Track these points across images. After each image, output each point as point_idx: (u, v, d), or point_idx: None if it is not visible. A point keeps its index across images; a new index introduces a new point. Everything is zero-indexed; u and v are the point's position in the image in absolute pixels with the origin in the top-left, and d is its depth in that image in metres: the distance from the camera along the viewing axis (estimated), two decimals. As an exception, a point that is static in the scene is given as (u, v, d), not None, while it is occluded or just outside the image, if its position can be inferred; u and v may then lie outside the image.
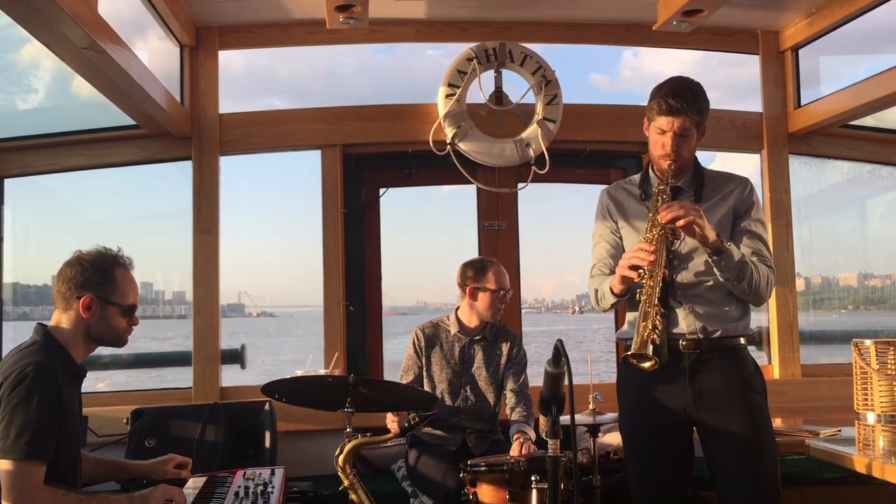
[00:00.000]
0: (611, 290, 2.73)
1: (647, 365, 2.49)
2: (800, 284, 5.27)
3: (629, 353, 2.52)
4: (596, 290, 2.86)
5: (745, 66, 4.86)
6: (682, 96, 2.68)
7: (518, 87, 4.52)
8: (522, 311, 4.80)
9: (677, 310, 2.75)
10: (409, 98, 4.55)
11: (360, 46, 4.75)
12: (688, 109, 2.67)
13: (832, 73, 4.95)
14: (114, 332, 2.59)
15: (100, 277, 2.54)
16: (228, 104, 4.51)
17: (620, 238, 2.93)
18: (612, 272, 2.84)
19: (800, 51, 4.76)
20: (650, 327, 2.49)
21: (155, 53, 4.33)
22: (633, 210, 2.91)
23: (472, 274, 3.81)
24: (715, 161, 5.71)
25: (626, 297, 2.76)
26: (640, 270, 2.57)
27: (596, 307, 2.91)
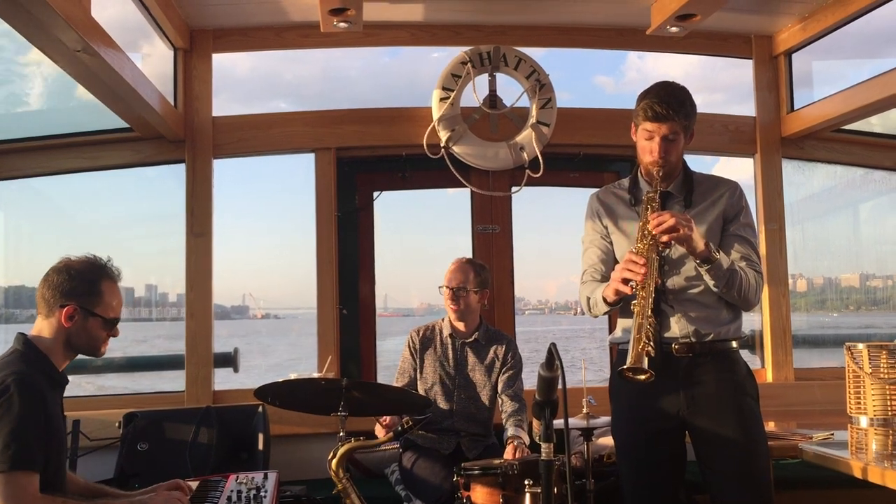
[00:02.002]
0: (604, 299, 2.73)
1: (642, 378, 2.49)
2: (801, 285, 5.28)
3: (625, 367, 2.51)
4: (588, 298, 2.86)
5: (749, 68, 4.86)
6: (667, 102, 2.68)
7: (512, 91, 4.53)
8: (527, 312, 4.81)
9: (669, 314, 2.76)
10: (414, 101, 4.54)
11: (365, 50, 4.76)
12: (674, 115, 2.67)
13: (825, 77, 4.97)
14: (92, 342, 2.56)
15: (86, 288, 2.52)
16: (233, 107, 4.54)
17: (611, 243, 2.92)
18: (603, 278, 2.84)
19: (793, 55, 4.78)
20: (645, 340, 2.49)
21: (149, 56, 4.32)
22: (622, 215, 2.90)
23: None
24: (717, 165, 5.71)
25: (619, 305, 2.76)
26: (632, 283, 2.57)
27: (588, 314, 2.91)
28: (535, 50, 4.55)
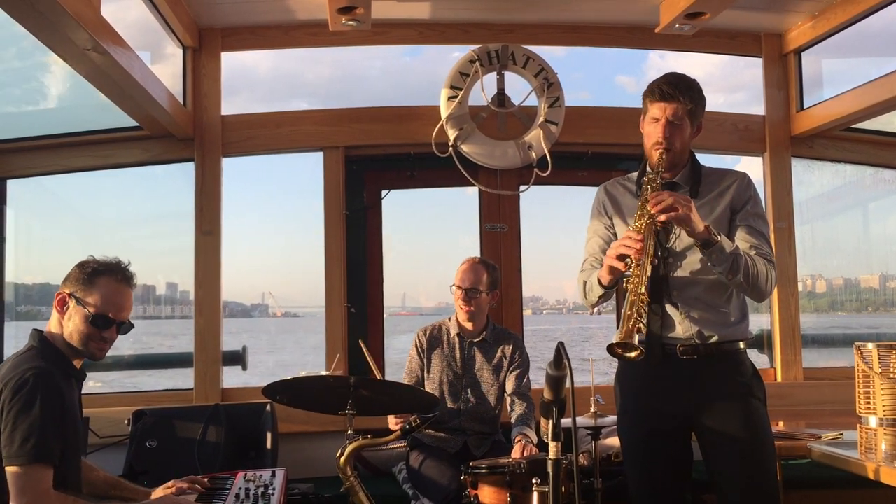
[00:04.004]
0: (599, 281, 2.70)
1: (633, 355, 2.46)
2: (821, 286, 5.26)
3: (614, 342, 2.48)
4: (584, 283, 2.83)
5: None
6: (674, 84, 2.71)
7: (520, 90, 4.52)
8: (545, 311, 4.79)
9: (673, 313, 2.74)
10: (433, 100, 4.53)
11: (385, 50, 4.77)
12: (680, 95, 2.69)
13: (835, 76, 4.95)
14: (79, 337, 2.49)
15: (82, 277, 2.51)
16: (254, 106, 4.57)
17: (614, 235, 2.91)
18: None
19: (803, 54, 4.76)
20: (635, 316, 2.46)
21: (158, 55, 4.34)
22: (628, 206, 2.89)
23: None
24: (739, 164, 5.68)
25: (614, 290, 2.74)
26: (628, 260, 2.55)
27: (583, 301, 2.89)
28: (554, 50, 4.53)
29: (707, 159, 2.99)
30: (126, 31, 3.30)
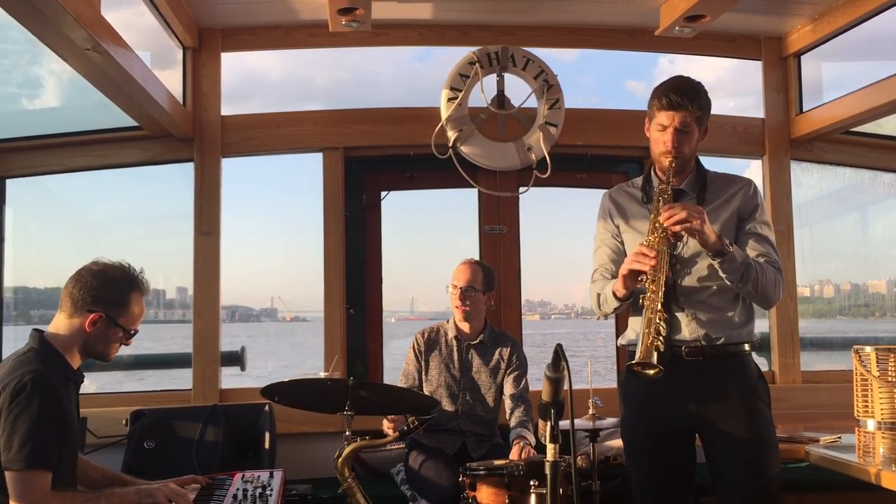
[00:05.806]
0: (614, 293, 2.72)
1: (651, 372, 2.48)
2: (829, 291, 5.27)
3: (633, 361, 2.50)
4: (598, 295, 2.84)
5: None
6: (682, 92, 2.68)
7: (520, 91, 4.52)
8: (553, 316, 4.78)
9: (679, 316, 2.74)
10: (435, 103, 4.51)
11: (395, 55, 4.77)
12: (688, 104, 2.67)
13: (835, 79, 4.95)
14: (107, 350, 2.58)
15: (116, 298, 2.54)
16: (267, 111, 4.53)
17: (622, 242, 2.91)
18: (614, 277, 2.82)
19: (802, 57, 4.76)
20: (654, 334, 2.48)
21: (158, 55, 4.33)
22: (634, 213, 2.89)
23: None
24: (748, 170, 5.67)
25: (629, 301, 2.75)
26: (642, 277, 2.56)
27: (597, 311, 2.89)
28: (562, 54, 4.53)
29: (715, 162, 2.99)
30: (126, 31, 3.30)
